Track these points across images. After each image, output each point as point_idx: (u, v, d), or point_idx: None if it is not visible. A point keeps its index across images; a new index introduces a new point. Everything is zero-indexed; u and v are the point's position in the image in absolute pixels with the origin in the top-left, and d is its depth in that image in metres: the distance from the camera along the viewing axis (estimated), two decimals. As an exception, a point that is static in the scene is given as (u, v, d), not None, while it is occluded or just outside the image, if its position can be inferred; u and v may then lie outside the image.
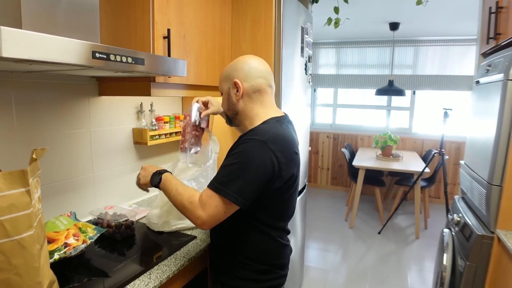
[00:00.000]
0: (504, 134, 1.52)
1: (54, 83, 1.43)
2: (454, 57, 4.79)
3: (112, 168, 1.74)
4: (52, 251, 1.10)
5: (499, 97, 1.55)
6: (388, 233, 3.87)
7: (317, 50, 5.52)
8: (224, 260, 1.20)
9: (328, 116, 5.68)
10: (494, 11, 1.80)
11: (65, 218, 1.28)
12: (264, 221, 1.14)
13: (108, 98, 1.68)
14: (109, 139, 1.71)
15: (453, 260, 1.89)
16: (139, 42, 1.40)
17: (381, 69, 5.22)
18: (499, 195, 1.55)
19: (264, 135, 1.05)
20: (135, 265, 1.20)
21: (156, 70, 1.18)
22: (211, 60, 1.80)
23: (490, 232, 1.59)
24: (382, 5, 3.37)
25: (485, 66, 1.88)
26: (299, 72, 2.22)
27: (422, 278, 2.97)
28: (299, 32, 2.17)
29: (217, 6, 1.81)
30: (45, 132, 1.41)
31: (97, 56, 0.91)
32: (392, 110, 5.29)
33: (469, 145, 2.10)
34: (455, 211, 2.07)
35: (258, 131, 1.08)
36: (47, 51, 0.80)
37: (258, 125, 1.13)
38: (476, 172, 1.81)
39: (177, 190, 1.11)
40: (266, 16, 1.87)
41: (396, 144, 4.22)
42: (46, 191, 1.43)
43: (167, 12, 1.45)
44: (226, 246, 1.19)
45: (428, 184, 4.08)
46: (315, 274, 3.00)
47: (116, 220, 1.42)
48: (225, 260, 1.19)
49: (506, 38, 1.67)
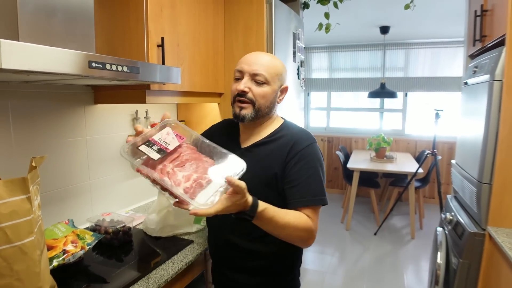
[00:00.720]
0: (491, 133, 1.57)
1: (50, 92, 1.45)
2: (444, 59, 4.88)
3: (108, 175, 1.76)
4: (51, 258, 1.11)
5: (486, 98, 1.60)
6: (384, 234, 3.90)
7: (310, 54, 5.58)
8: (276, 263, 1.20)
9: (322, 119, 5.73)
10: (479, 14, 1.85)
11: (63, 226, 1.30)
12: None
13: (104, 106, 1.70)
14: (105, 147, 1.73)
15: (446, 258, 1.92)
16: (133, 51, 1.43)
17: (373, 72, 5.29)
18: (489, 193, 1.58)
19: (310, 135, 1.17)
20: (133, 270, 1.22)
21: (151, 78, 1.21)
22: (205, 67, 1.83)
23: (481, 230, 1.63)
24: (372, 9, 3.43)
25: (472, 67, 1.93)
26: (291, 77, 2.26)
27: (418, 277, 3.00)
28: (291, 37, 2.21)
29: (209, 14, 1.85)
30: (41, 140, 1.42)
31: (94, 66, 0.94)
32: (385, 112, 5.35)
33: (459, 145, 2.14)
34: (448, 210, 2.11)
35: (303, 133, 1.18)
36: (45, 62, 0.83)
37: (286, 124, 1.22)
38: (467, 171, 1.85)
39: (284, 219, 1.00)
40: (258, 23, 1.90)
41: (389, 145, 4.27)
42: (44, 199, 1.44)
43: (160, 21, 1.48)
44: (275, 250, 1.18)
45: (422, 184, 4.13)
46: (312, 276, 3.01)
47: (113, 226, 1.43)
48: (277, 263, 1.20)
49: (491, 40, 1.72)
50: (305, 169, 1.09)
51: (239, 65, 1.15)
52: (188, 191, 0.84)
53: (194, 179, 0.87)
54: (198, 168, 0.91)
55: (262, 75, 1.11)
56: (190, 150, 0.95)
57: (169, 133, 0.92)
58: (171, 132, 0.92)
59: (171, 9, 1.54)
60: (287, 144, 1.12)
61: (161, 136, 0.91)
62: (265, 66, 1.12)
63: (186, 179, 0.86)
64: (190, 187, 0.85)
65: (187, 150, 0.95)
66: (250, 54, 1.17)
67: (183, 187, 0.84)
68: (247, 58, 1.15)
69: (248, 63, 1.13)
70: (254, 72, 1.11)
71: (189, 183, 0.86)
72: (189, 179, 0.86)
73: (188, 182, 0.86)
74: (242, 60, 1.16)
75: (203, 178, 0.88)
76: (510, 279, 1.35)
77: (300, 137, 1.14)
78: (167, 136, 0.92)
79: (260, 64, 1.12)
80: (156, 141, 0.89)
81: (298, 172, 1.09)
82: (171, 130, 0.93)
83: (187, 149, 0.95)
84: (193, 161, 0.92)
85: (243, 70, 1.12)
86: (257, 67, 1.11)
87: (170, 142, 0.91)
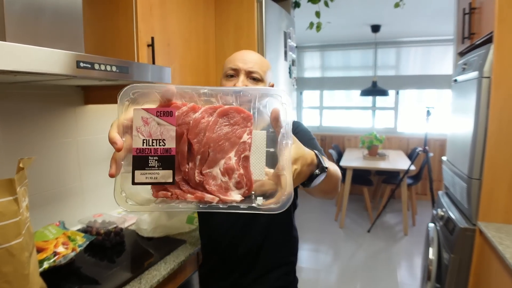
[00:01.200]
0: (481, 129, 1.58)
1: (39, 93, 1.43)
2: (435, 57, 4.92)
3: (100, 176, 1.75)
4: (42, 260, 1.10)
5: (475, 94, 1.62)
6: (377, 231, 3.92)
7: (302, 53, 5.60)
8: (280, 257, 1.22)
9: (315, 118, 5.75)
10: (467, 12, 1.87)
11: (54, 227, 1.29)
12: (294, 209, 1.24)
13: (95, 107, 1.69)
14: (97, 147, 1.72)
15: (438, 254, 1.94)
16: (123, 51, 1.42)
17: (364, 71, 5.32)
18: (479, 188, 1.61)
19: (299, 122, 1.19)
20: (125, 271, 1.21)
21: (141, 78, 1.20)
22: (196, 66, 1.82)
23: (472, 225, 1.65)
24: (362, 8, 3.45)
25: (461, 65, 1.95)
26: (283, 76, 2.26)
27: (412, 273, 3.03)
28: (282, 37, 2.21)
29: (200, 13, 1.84)
30: (31, 142, 1.41)
31: (82, 66, 0.93)
32: (377, 110, 5.39)
33: (450, 141, 2.17)
34: (439, 206, 2.13)
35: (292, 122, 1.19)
36: (32, 62, 0.82)
37: None
38: (457, 167, 1.87)
39: (332, 166, 0.80)
40: (248, 22, 1.90)
41: (381, 143, 4.30)
42: (34, 201, 1.43)
43: (150, 20, 1.47)
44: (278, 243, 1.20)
45: (414, 181, 4.16)
46: (307, 274, 3.03)
47: (105, 227, 1.42)
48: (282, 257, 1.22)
49: (480, 38, 1.74)
50: (304, 136, 1.09)
51: (232, 63, 1.13)
52: (245, 182, 0.58)
53: (235, 162, 0.58)
54: (227, 142, 0.58)
55: (257, 72, 1.11)
56: (196, 125, 0.58)
57: (148, 120, 0.55)
58: (151, 117, 0.55)
59: (161, 8, 1.53)
60: None
61: (143, 131, 0.55)
62: (258, 64, 1.12)
63: (227, 169, 0.58)
64: (244, 175, 0.58)
65: (194, 128, 0.58)
66: (242, 52, 1.15)
67: (235, 183, 0.58)
68: (241, 55, 1.14)
69: (242, 61, 1.11)
70: (250, 69, 1.10)
71: (237, 173, 0.58)
72: (232, 168, 0.58)
73: (236, 173, 0.58)
74: (234, 58, 1.14)
75: (245, 148, 0.59)
76: (500, 273, 1.37)
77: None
78: (149, 126, 0.55)
79: (254, 61, 1.12)
80: (144, 150, 0.55)
81: (300, 140, 1.09)
82: (147, 114, 0.55)
83: (193, 127, 0.58)
84: (215, 140, 0.58)
85: (239, 67, 1.11)
86: (252, 64, 1.11)
87: (162, 134, 0.55)
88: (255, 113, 0.61)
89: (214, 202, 0.57)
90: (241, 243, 1.16)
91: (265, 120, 0.61)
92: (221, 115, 0.58)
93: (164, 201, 0.58)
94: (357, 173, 4.18)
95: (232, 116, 0.58)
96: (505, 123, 1.52)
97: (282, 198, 0.56)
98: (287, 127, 0.58)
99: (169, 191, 0.58)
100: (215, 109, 0.58)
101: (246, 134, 0.58)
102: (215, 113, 0.58)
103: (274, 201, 0.56)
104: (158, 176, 0.55)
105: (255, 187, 0.59)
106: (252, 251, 1.16)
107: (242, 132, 0.58)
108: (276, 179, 0.58)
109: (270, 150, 0.60)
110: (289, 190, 0.55)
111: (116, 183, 0.57)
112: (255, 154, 0.60)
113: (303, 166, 0.63)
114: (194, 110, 0.58)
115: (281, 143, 0.57)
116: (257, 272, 1.17)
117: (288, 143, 0.57)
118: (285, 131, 0.57)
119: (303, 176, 0.66)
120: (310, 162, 0.66)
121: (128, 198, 0.58)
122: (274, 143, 0.59)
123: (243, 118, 0.58)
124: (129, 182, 0.55)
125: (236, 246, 1.17)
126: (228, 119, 0.58)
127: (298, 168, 0.61)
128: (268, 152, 0.60)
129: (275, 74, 2.09)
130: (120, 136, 0.55)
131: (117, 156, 0.55)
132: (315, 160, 0.68)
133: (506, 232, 1.48)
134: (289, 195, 0.55)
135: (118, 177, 0.57)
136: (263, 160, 0.60)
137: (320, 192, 0.83)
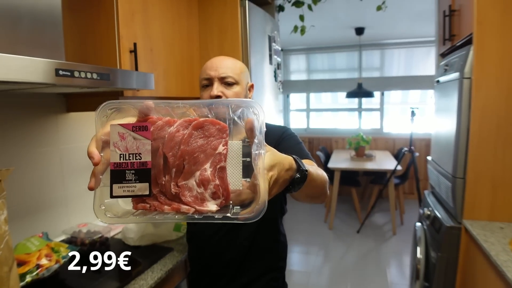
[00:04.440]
0: (463, 129, 1.61)
1: (19, 101, 1.40)
2: (418, 58, 5.01)
3: (84, 184, 1.71)
4: (24, 273, 1.07)
5: (456, 95, 1.64)
6: (366, 231, 3.95)
7: (288, 56, 5.63)
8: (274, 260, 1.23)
9: (302, 120, 5.77)
10: (448, 14, 1.91)
11: (37, 239, 1.25)
12: (282, 214, 1.25)
13: (77, 114, 1.65)
14: (80, 156, 1.68)
15: (426, 253, 1.96)
16: (105, 57, 1.40)
17: (350, 73, 5.38)
18: (463, 187, 1.63)
19: (285, 127, 1.20)
20: (111, 281, 1.19)
21: (123, 84, 1.18)
22: (180, 72, 1.81)
23: (457, 223, 1.67)
24: (346, 11, 3.49)
25: (443, 66, 1.99)
26: (268, 79, 2.26)
27: (401, 272, 3.06)
28: (267, 40, 2.22)
29: (183, 17, 1.83)
30: (11, 151, 1.37)
31: (61, 74, 0.91)
32: (363, 112, 5.44)
33: (434, 141, 2.20)
34: (426, 205, 2.16)
35: (279, 126, 1.21)
36: (8, 71, 0.80)
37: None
38: (442, 167, 1.90)
39: (316, 171, 0.80)
40: (232, 26, 1.90)
41: (368, 144, 4.34)
42: (15, 213, 1.39)
43: (132, 26, 1.45)
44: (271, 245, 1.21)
45: (401, 181, 4.21)
46: (297, 277, 3.02)
47: (90, 237, 1.40)
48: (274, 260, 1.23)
49: (460, 39, 1.78)
50: (291, 142, 1.11)
51: (204, 73, 1.15)
52: (221, 192, 0.59)
53: (211, 173, 0.58)
54: (202, 153, 0.59)
55: (230, 76, 1.13)
56: (171, 139, 0.59)
57: (124, 135, 0.56)
58: (127, 132, 0.56)
59: (143, 13, 1.52)
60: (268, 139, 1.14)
61: (120, 146, 0.56)
62: (230, 68, 1.14)
63: (202, 181, 0.59)
64: (220, 186, 0.59)
65: (169, 142, 0.59)
66: (212, 60, 1.17)
67: (211, 193, 0.59)
68: (211, 63, 1.15)
69: (213, 69, 1.13)
70: (222, 75, 1.12)
71: (212, 184, 0.59)
72: (207, 179, 0.58)
73: (211, 184, 0.59)
74: (206, 67, 1.16)
75: (221, 159, 0.59)
76: (485, 269, 1.39)
77: (277, 128, 1.17)
78: (125, 141, 0.56)
79: (225, 67, 1.14)
80: (121, 164, 0.56)
81: (287, 145, 1.09)
82: (123, 129, 0.56)
83: (168, 141, 0.59)
84: (189, 153, 0.59)
85: (211, 76, 1.12)
86: (223, 70, 1.13)
87: (138, 148, 0.56)
88: (230, 124, 0.62)
89: (190, 212, 0.58)
90: (226, 250, 1.15)
91: (241, 130, 0.62)
92: (196, 128, 0.59)
93: (142, 213, 0.60)
94: (345, 174, 4.21)
95: (207, 128, 0.59)
96: (486, 123, 1.55)
97: (256, 207, 0.56)
98: (259, 136, 0.58)
99: (148, 203, 0.59)
100: (190, 122, 0.59)
101: (221, 145, 0.59)
102: (190, 126, 0.59)
103: (249, 211, 0.57)
104: (135, 189, 0.56)
105: (232, 197, 0.60)
106: (238, 257, 1.15)
107: (218, 143, 0.59)
108: (252, 188, 0.58)
109: (247, 160, 0.61)
110: (263, 199, 0.56)
111: (96, 197, 0.58)
112: (232, 164, 0.61)
113: (280, 171, 0.63)
114: (169, 124, 0.59)
115: (254, 152, 0.58)
116: (245, 278, 1.16)
117: (261, 153, 0.58)
118: (257, 141, 0.58)
119: (283, 182, 0.65)
120: (288, 167, 0.66)
121: (107, 210, 0.59)
122: (250, 153, 0.60)
123: (218, 129, 0.59)
124: (107, 195, 0.56)
125: (222, 252, 1.16)
126: (203, 131, 0.59)
127: (275, 174, 0.61)
128: (245, 162, 0.61)
129: (260, 78, 2.09)
130: (98, 151, 0.56)
131: (96, 170, 0.56)
132: (294, 165, 0.68)
133: (491, 230, 1.50)
134: (263, 204, 0.56)
135: (97, 191, 0.57)
136: (240, 170, 0.61)
137: (306, 197, 0.83)
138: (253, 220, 0.56)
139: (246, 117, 0.60)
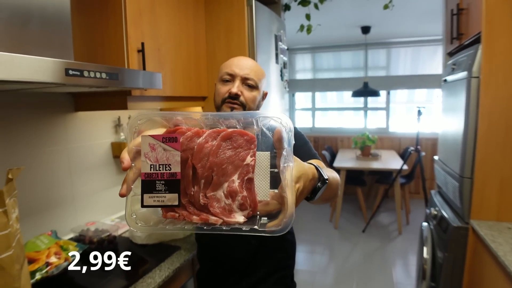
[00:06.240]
0: (471, 128, 1.60)
1: (29, 101, 1.41)
2: (424, 57, 4.97)
3: (92, 183, 1.73)
4: (34, 271, 1.09)
5: (464, 94, 1.63)
6: (372, 231, 3.94)
7: (294, 55, 5.61)
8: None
9: (308, 119, 5.76)
10: (455, 13, 1.89)
11: (46, 237, 1.27)
12: None
13: (85, 114, 1.67)
14: (88, 155, 1.70)
15: (433, 253, 1.95)
16: (113, 57, 1.41)
17: (356, 72, 5.36)
18: (470, 187, 1.62)
19: None
20: (119, 279, 1.20)
21: (131, 84, 1.19)
22: (187, 71, 1.82)
23: (464, 223, 1.66)
24: (352, 10, 3.47)
25: (451, 65, 1.97)
26: (275, 78, 2.26)
27: (407, 272, 3.04)
28: (273, 39, 2.22)
29: (190, 17, 1.84)
30: (20, 151, 1.39)
31: (71, 73, 0.92)
32: (368, 111, 5.42)
33: (441, 141, 2.19)
34: (432, 205, 2.15)
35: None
36: (20, 71, 0.80)
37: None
38: (449, 166, 1.89)
39: (331, 174, 0.82)
40: (239, 25, 1.90)
41: (374, 143, 4.32)
42: (25, 211, 1.40)
43: (140, 25, 1.46)
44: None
45: (407, 180, 4.19)
46: (302, 276, 3.02)
47: (98, 235, 1.41)
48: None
49: (468, 38, 1.76)
50: (299, 142, 1.07)
51: (229, 68, 1.14)
52: (249, 203, 0.60)
53: (238, 184, 0.60)
54: (230, 165, 0.60)
55: (253, 79, 1.13)
56: (200, 150, 0.60)
57: (154, 146, 0.57)
58: (157, 143, 0.57)
59: (150, 13, 1.52)
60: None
61: (150, 157, 0.57)
62: (255, 71, 1.14)
63: (230, 192, 0.60)
64: (248, 197, 0.60)
65: (198, 153, 0.60)
66: (239, 58, 1.16)
67: (239, 205, 0.60)
68: (238, 61, 1.15)
69: (239, 67, 1.13)
70: (246, 76, 1.12)
71: (240, 196, 0.60)
72: (235, 191, 0.59)
73: (239, 195, 0.60)
74: (231, 63, 1.15)
75: (248, 170, 0.60)
76: (493, 270, 1.38)
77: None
78: (156, 152, 0.57)
79: (250, 68, 1.13)
80: (152, 174, 0.56)
81: (295, 145, 1.09)
82: (154, 140, 0.57)
83: (197, 152, 0.60)
84: (218, 164, 0.60)
85: (235, 73, 1.12)
86: (248, 71, 1.13)
87: (168, 159, 0.57)
88: (258, 135, 0.62)
89: (217, 224, 0.59)
90: (236, 248, 1.16)
91: (269, 141, 0.62)
92: (224, 139, 0.60)
93: (172, 222, 0.61)
94: (350, 173, 4.20)
95: (235, 139, 0.60)
96: (495, 122, 1.54)
97: (283, 220, 0.57)
98: (288, 149, 0.58)
99: (177, 213, 0.60)
100: (219, 133, 0.60)
101: (249, 156, 0.60)
102: (219, 137, 0.60)
103: (276, 223, 0.58)
104: (165, 199, 0.57)
105: (259, 207, 0.60)
106: (247, 256, 1.15)
107: (246, 154, 0.60)
108: (280, 199, 0.59)
109: (274, 170, 0.62)
110: (290, 212, 0.56)
111: (127, 206, 0.59)
112: (259, 175, 0.62)
113: (305, 182, 0.64)
114: (198, 135, 0.60)
115: (283, 165, 0.58)
116: (254, 276, 1.16)
117: (289, 165, 0.58)
118: (286, 153, 0.58)
119: (306, 192, 0.67)
120: (311, 177, 0.67)
121: (138, 219, 0.61)
122: (277, 164, 0.61)
123: (246, 140, 0.60)
124: (138, 204, 0.57)
125: (231, 251, 1.16)
126: (231, 142, 0.60)
127: (301, 186, 0.63)
128: (273, 172, 0.62)
129: (267, 77, 2.09)
130: (130, 159, 0.58)
131: (128, 178, 0.58)
132: (316, 174, 0.69)
133: (498, 230, 1.49)
134: (290, 217, 0.57)
135: (128, 201, 0.59)
136: (268, 180, 0.62)
137: (321, 201, 0.84)
138: (280, 234, 0.57)
139: (274, 128, 0.60)
